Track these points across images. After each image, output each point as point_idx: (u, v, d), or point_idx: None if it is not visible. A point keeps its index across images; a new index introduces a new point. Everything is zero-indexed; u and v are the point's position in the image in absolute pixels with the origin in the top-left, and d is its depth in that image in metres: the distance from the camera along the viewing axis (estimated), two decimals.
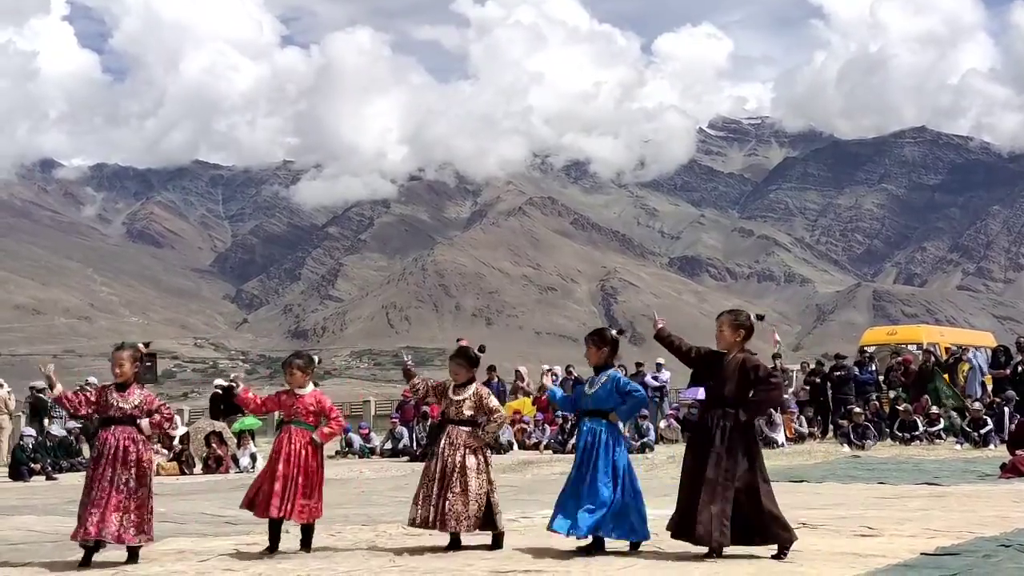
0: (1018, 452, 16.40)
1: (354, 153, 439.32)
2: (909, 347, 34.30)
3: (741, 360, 8.51)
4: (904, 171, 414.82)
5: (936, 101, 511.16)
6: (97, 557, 9.34)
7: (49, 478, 23.62)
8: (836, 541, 9.16)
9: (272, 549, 9.48)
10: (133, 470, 9.13)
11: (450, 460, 9.30)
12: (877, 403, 27.03)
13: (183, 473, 23.54)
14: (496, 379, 31.41)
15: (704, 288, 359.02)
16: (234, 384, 10.21)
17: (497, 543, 9.34)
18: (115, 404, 9.25)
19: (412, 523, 9.36)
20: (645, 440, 25.25)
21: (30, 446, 24.66)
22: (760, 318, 8.85)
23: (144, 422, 9.25)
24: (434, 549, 9.24)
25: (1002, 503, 12.28)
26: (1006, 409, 24.50)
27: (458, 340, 10.07)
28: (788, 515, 9.04)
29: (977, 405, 24.73)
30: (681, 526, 8.38)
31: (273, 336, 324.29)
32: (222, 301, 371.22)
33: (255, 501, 9.51)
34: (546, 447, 26.58)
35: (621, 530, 8.73)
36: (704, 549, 8.26)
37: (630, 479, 8.87)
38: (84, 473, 23.68)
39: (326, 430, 9.73)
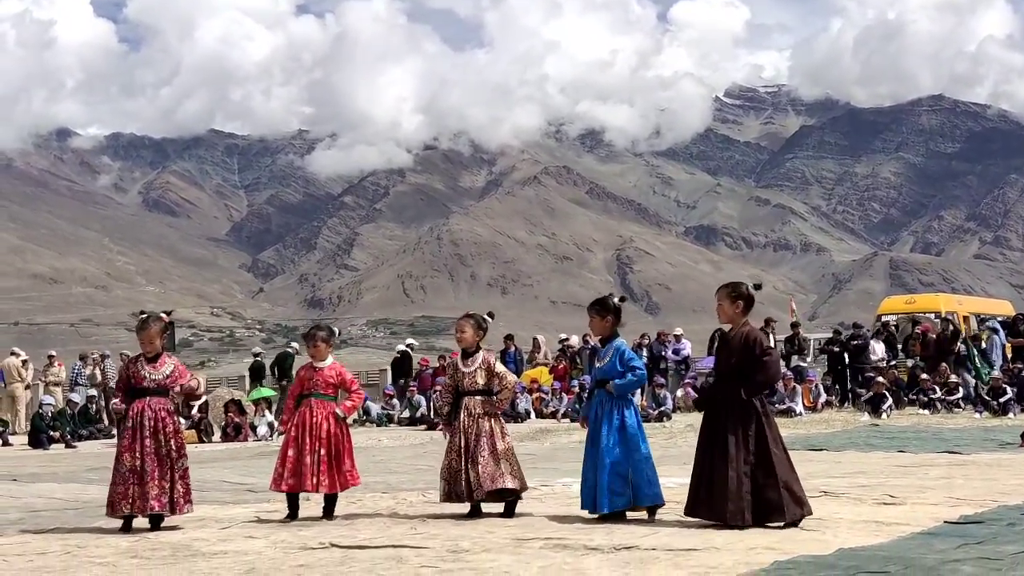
0: None
1: (369, 122, 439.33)
2: (928, 316, 34.19)
3: (745, 333, 8.40)
4: (921, 139, 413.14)
5: (953, 69, 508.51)
6: (136, 521, 9.35)
7: (68, 446, 23.73)
8: (859, 509, 9.13)
9: (292, 517, 9.48)
10: (173, 441, 9.16)
11: (472, 430, 9.28)
12: (895, 372, 26.98)
13: (201, 441, 23.61)
14: (513, 348, 31.42)
15: (720, 257, 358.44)
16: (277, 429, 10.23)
17: (511, 508, 9.31)
18: (148, 376, 9.25)
19: (446, 499, 9.33)
20: (663, 409, 25.23)
21: (49, 414, 24.77)
22: (757, 287, 8.71)
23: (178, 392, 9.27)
24: (455, 516, 9.24)
25: (1023, 472, 12.24)
26: None
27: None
28: (809, 484, 9.03)
29: (996, 374, 24.65)
30: (697, 502, 8.30)
31: (289, 305, 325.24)
32: (238, 270, 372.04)
33: (282, 477, 9.49)
34: (563, 415, 26.60)
35: (630, 496, 8.68)
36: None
37: (638, 442, 8.83)
38: (102, 441, 23.74)
39: (348, 404, 9.70)
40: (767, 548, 7.13)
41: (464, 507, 9.35)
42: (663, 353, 29.64)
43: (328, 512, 9.56)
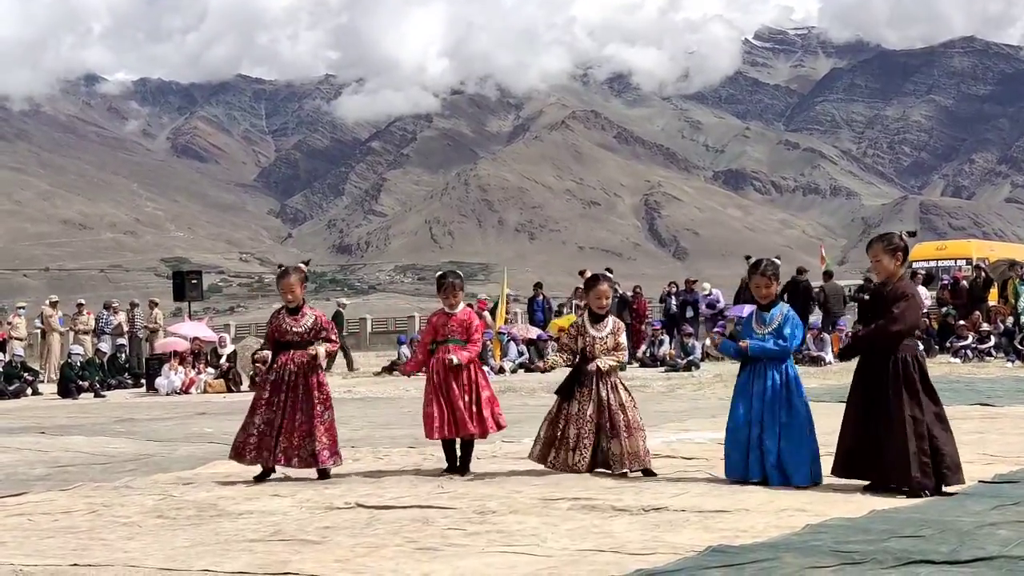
0: None
1: (395, 67, 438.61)
2: (958, 263, 33.95)
3: (901, 288, 7.88)
4: (953, 82, 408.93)
5: (986, 10, 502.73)
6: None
7: (98, 395, 23.82)
8: None
9: (450, 469, 9.36)
10: (316, 393, 9.22)
11: (607, 400, 8.89)
12: (926, 320, 26.75)
13: (230, 391, 23.63)
14: (542, 296, 31.27)
15: (749, 201, 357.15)
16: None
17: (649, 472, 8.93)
18: (289, 329, 9.33)
19: (562, 467, 8.91)
20: (691, 359, 25.11)
21: (78, 364, 24.85)
22: (912, 235, 8.31)
23: (321, 352, 9.25)
24: (481, 474, 9.17)
25: None
26: None
27: (581, 272, 9.68)
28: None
29: None
30: (858, 464, 7.87)
31: (318, 250, 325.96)
32: (266, 216, 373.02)
33: (429, 426, 9.37)
34: None
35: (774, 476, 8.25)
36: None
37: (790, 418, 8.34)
38: (131, 390, 23.79)
39: (465, 354, 9.40)
40: (799, 510, 7.03)
41: (496, 465, 9.26)
42: (695, 302, 29.51)
43: (464, 463, 9.41)
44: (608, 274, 9.53)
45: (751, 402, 8.38)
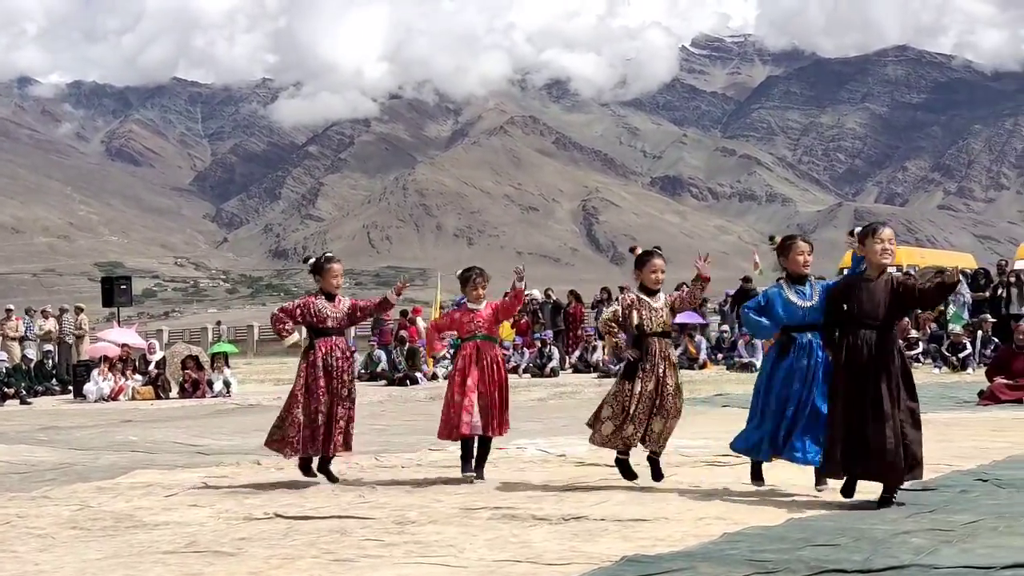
0: (996, 379, 16.30)
1: (333, 71, 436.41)
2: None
3: (894, 279, 7.75)
4: (886, 90, 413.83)
5: (918, 19, 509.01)
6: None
7: (24, 402, 23.48)
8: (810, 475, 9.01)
9: (470, 465, 9.16)
10: (346, 376, 9.29)
11: (665, 378, 8.57)
12: None
13: (158, 397, 23.38)
14: None
15: (686, 207, 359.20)
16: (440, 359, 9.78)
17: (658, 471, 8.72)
18: (330, 315, 9.33)
19: (624, 443, 8.63)
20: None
21: (4, 371, 24.48)
22: (851, 234, 8.33)
23: (391, 295, 9.46)
24: (404, 483, 9.12)
25: (980, 432, 12.20)
26: (978, 332, 24.51)
27: (632, 249, 9.29)
28: None
29: (958, 329, 24.66)
30: (846, 460, 7.66)
31: (254, 255, 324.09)
32: (202, 220, 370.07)
33: (454, 425, 9.15)
34: (524, 371, 26.52)
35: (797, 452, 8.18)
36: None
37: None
38: (57, 397, 23.41)
39: (500, 350, 9.52)
40: (717, 518, 7.04)
41: (418, 472, 9.20)
42: None
43: (481, 460, 9.27)
44: (658, 250, 9.26)
45: (793, 381, 8.17)
